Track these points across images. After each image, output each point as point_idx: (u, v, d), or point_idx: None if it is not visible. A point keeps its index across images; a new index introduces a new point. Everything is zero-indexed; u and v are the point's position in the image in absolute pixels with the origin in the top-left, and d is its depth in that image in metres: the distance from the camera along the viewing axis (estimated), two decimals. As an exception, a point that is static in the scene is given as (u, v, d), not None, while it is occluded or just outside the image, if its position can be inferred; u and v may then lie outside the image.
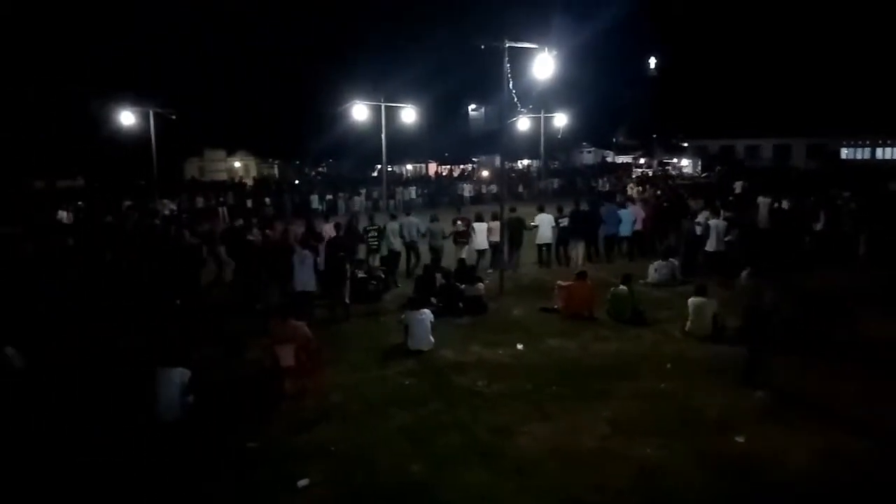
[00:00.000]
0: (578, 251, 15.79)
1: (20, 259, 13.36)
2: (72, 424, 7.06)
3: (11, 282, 12.21)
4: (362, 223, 15.44)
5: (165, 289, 12.63)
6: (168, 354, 7.28)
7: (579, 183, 40.06)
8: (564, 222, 15.58)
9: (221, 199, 30.35)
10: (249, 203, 29.89)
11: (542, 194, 35.39)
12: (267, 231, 13.36)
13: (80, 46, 46.45)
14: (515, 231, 15.01)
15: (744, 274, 9.36)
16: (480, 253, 15.05)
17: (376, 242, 14.64)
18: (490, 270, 14.68)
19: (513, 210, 15.46)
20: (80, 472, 6.13)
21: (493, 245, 14.76)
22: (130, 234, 16.23)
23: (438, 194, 35.07)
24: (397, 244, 14.53)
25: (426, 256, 14.65)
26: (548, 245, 15.60)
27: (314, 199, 31.20)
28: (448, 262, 14.04)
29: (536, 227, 15.40)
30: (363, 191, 33.62)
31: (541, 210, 15.71)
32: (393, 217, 15.13)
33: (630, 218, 16.10)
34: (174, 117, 24.49)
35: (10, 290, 11.86)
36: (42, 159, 42.43)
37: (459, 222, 15.04)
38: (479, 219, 15.11)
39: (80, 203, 25.99)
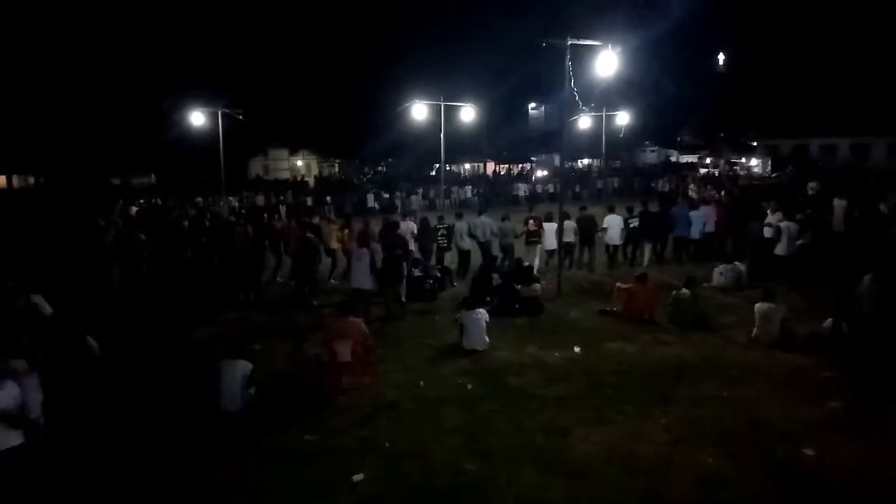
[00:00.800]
0: (646, 252, 15.68)
1: (102, 249, 14.13)
2: (143, 411, 7.42)
3: (93, 270, 12.96)
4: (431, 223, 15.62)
5: (231, 283, 13.11)
6: (232, 347, 7.52)
7: (636, 184, 39.34)
8: (634, 223, 15.51)
9: (282, 198, 31.10)
10: (310, 201, 30.56)
11: (600, 194, 34.85)
12: (308, 232, 13.56)
13: (153, 47, 48.59)
14: (586, 230, 15.09)
15: (867, 277, 9.02)
16: (550, 253, 15.18)
17: (446, 241, 14.81)
18: (570, 271, 15.02)
19: (583, 209, 15.58)
20: (146, 456, 6.43)
21: (566, 245, 14.94)
22: (200, 228, 16.87)
23: (493, 194, 34.95)
24: (466, 243, 14.68)
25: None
26: (615, 246, 15.54)
27: (370, 197, 31.58)
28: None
29: (606, 228, 15.37)
30: (420, 190, 33.87)
31: (610, 210, 15.69)
32: (459, 216, 15.22)
33: (701, 219, 15.72)
34: (241, 117, 25.27)
35: (92, 277, 12.58)
36: (118, 157, 44.72)
37: (531, 222, 15.11)
38: (550, 218, 15.17)
39: (141, 201, 27.19)
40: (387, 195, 32.70)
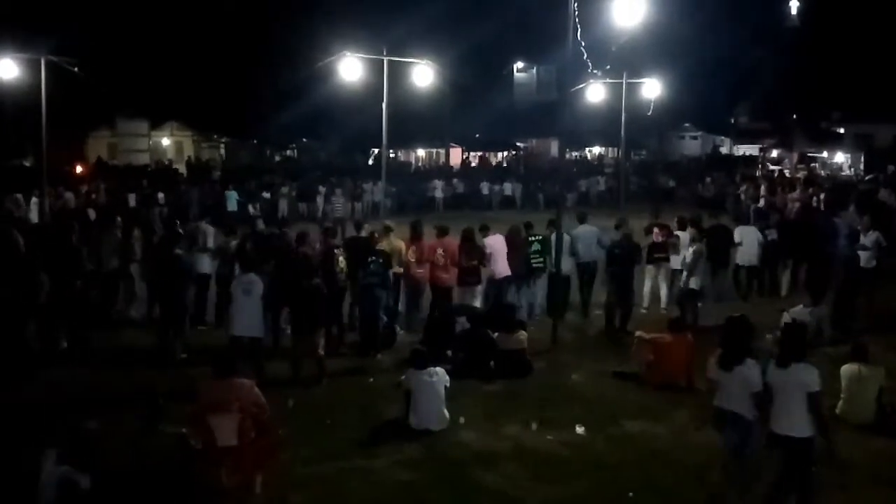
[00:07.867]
0: (785, 276, 16.70)
1: None
2: None
3: None
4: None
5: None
6: (52, 425, 7.33)
7: (633, 185, 40.92)
8: (772, 235, 16.30)
9: (93, 196, 30.64)
10: (133, 200, 30.10)
11: (584, 200, 36.01)
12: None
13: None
14: (719, 245, 15.73)
15: None
16: (675, 274, 15.58)
17: (542, 260, 14.76)
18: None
19: (716, 216, 16.01)
20: None
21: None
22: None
23: (410, 194, 36.36)
24: (566, 265, 14.60)
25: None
26: (751, 268, 16.39)
27: (231, 196, 31.13)
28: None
29: (740, 244, 16.08)
30: (323, 189, 33.61)
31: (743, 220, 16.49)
32: (551, 224, 15.23)
33: (844, 231, 16.34)
34: (77, 69, 24.88)
35: None
36: None
37: (657, 230, 15.38)
38: (683, 225, 15.58)
39: None
40: (267, 194, 32.69)
